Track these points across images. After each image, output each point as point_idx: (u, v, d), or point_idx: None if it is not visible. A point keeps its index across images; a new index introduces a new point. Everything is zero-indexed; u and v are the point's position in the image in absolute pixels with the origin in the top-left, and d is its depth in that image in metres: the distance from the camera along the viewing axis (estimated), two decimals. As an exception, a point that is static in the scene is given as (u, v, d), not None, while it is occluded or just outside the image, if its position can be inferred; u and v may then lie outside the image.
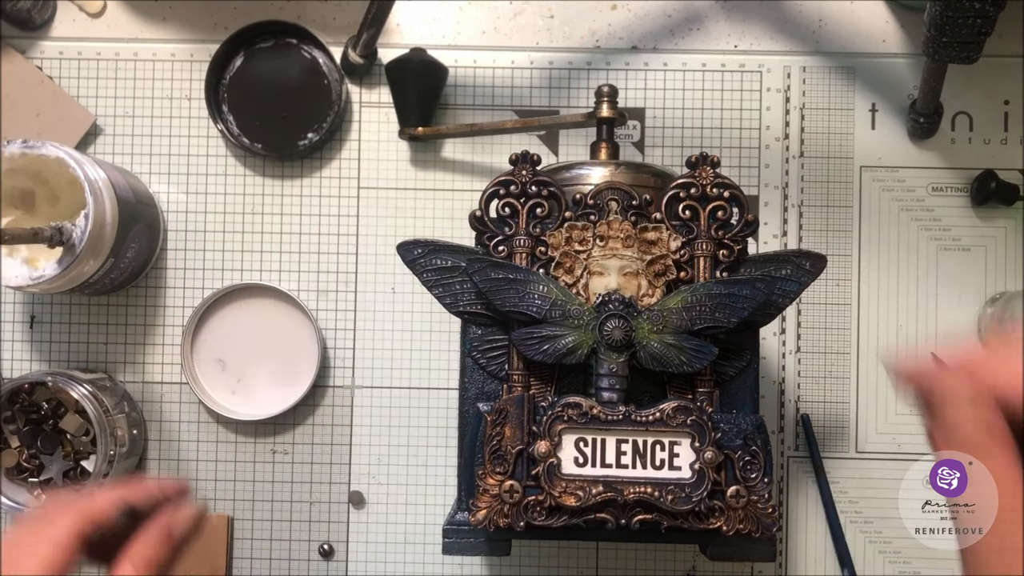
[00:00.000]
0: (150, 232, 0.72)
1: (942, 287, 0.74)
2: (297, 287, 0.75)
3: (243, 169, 0.76)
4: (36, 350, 0.75)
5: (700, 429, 0.54)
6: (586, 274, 0.57)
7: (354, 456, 0.74)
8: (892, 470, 0.73)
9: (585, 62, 0.76)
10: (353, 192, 0.75)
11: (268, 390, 0.74)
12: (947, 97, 0.71)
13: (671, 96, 0.75)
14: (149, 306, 0.75)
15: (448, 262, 0.58)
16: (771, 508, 0.55)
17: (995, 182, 0.72)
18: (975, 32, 0.60)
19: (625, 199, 0.58)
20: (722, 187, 0.58)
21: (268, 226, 0.75)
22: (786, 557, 0.73)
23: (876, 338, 0.74)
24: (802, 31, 0.75)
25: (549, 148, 0.75)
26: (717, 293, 0.56)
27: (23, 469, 0.71)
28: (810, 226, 0.75)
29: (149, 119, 0.76)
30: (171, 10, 0.76)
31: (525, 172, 0.58)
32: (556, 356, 0.55)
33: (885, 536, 0.73)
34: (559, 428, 0.54)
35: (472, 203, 0.62)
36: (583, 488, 0.54)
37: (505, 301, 0.56)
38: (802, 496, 0.73)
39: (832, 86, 0.75)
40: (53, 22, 0.76)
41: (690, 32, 0.76)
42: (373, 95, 0.76)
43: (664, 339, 0.55)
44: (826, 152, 0.75)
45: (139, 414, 0.74)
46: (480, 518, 0.54)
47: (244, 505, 0.74)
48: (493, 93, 0.76)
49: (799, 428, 0.74)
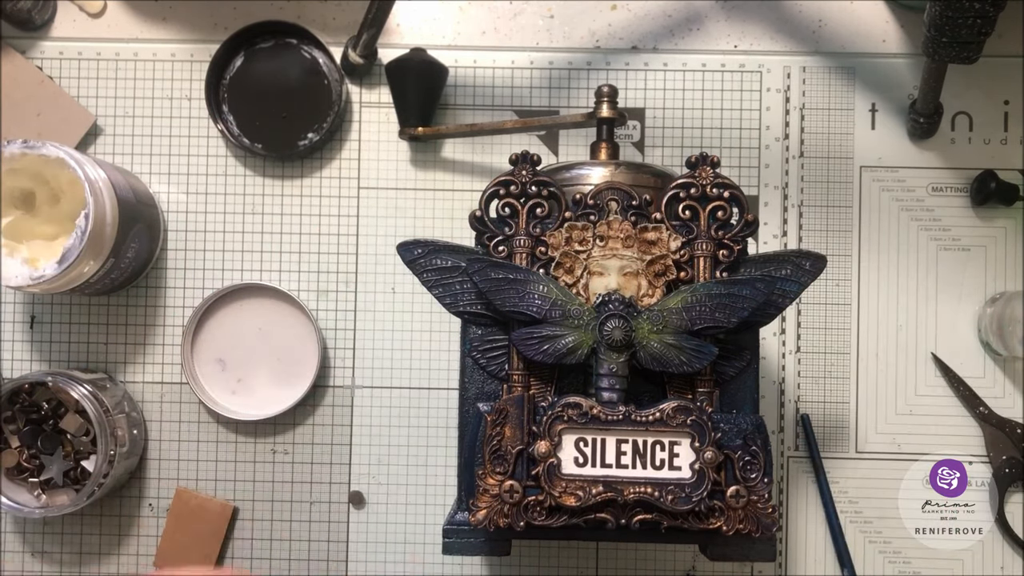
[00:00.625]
0: (150, 232, 0.72)
1: (942, 287, 0.74)
2: (297, 287, 0.75)
3: (243, 169, 0.76)
4: (36, 350, 0.75)
5: (700, 429, 0.54)
6: (586, 274, 0.57)
7: (354, 456, 0.74)
8: (892, 470, 0.73)
9: (585, 62, 0.76)
10: (353, 192, 0.75)
11: (268, 390, 0.74)
12: (947, 97, 0.71)
13: (671, 96, 0.75)
14: (149, 306, 0.75)
15: (448, 262, 0.58)
16: (771, 508, 0.55)
17: (995, 182, 0.72)
18: (975, 32, 0.60)
19: (625, 199, 0.58)
20: (722, 187, 0.58)
21: (268, 226, 0.75)
22: (786, 557, 0.73)
23: (876, 338, 0.74)
24: (802, 31, 0.75)
25: (549, 148, 0.75)
26: (717, 293, 0.56)
27: (23, 469, 0.71)
28: (810, 226, 0.75)
29: (149, 119, 0.76)
30: (171, 10, 0.76)
31: (525, 172, 0.58)
32: (556, 356, 0.55)
33: (885, 536, 0.73)
34: (559, 428, 0.54)
35: (472, 203, 0.62)
36: (583, 488, 0.54)
37: (505, 301, 0.56)
38: (802, 496, 0.73)
39: (832, 86, 0.75)
40: (53, 22, 0.76)
41: (690, 32, 0.76)
42: (373, 95, 0.76)
43: (664, 339, 0.55)
44: (826, 152, 0.75)
45: (139, 414, 0.74)
46: (480, 518, 0.54)
47: (244, 505, 0.74)
48: (493, 93, 0.76)
49: (799, 428, 0.74)
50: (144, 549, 0.74)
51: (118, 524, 0.74)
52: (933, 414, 0.73)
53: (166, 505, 0.74)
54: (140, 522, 0.74)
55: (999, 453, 0.72)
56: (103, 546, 0.74)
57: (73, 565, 0.74)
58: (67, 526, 0.74)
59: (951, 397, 0.73)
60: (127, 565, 0.74)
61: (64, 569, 0.74)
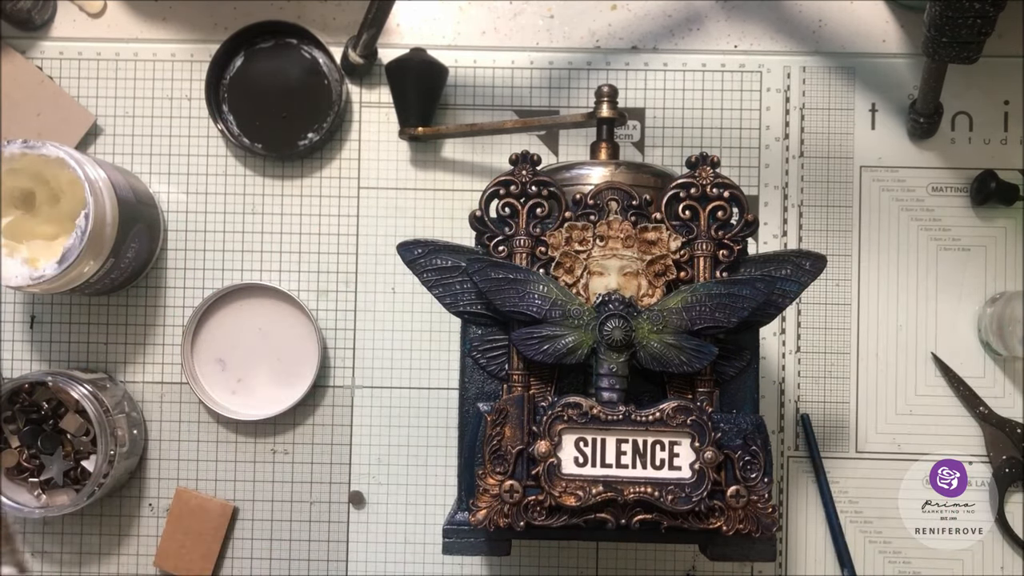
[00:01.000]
0: (150, 232, 0.72)
1: (942, 287, 0.74)
2: (297, 287, 0.75)
3: (243, 169, 0.76)
4: (36, 350, 0.75)
5: (700, 429, 0.54)
6: (586, 274, 0.57)
7: (354, 456, 0.74)
8: (892, 470, 0.73)
9: (585, 62, 0.76)
10: (353, 192, 0.75)
11: (268, 390, 0.74)
12: (947, 97, 0.71)
13: (671, 96, 0.75)
14: (149, 306, 0.75)
15: (448, 262, 0.58)
16: (771, 508, 0.55)
17: (995, 182, 0.72)
18: (975, 32, 0.60)
19: (625, 199, 0.58)
20: (722, 187, 0.58)
21: (268, 226, 0.75)
22: (786, 557, 0.73)
23: (876, 338, 0.74)
24: (802, 31, 0.75)
25: (549, 148, 0.75)
26: (717, 293, 0.56)
27: (23, 469, 0.71)
28: (810, 226, 0.75)
29: (149, 119, 0.76)
30: (171, 10, 0.76)
31: (525, 172, 0.58)
32: (556, 356, 0.55)
33: (885, 536, 0.73)
34: (559, 428, 0.54)
35: (472, 203, 0.62)
36: (583, 488, 0.54)
37: (505, 301, 0.56)
38: (802, 496, 0.73)
39: (832, 86, 0.75)
40: (53, 22, 0.76)
41: (690, 32, 0.76)
42: (373, 95, 0.76)
43: (664, 339, 0.55)
44: (826, 152, 0.75)
45: (139, 414, 0.74)
46: (480, 518, 0.54)
47: (244, 505, 0.74)
48: (493, 93, 0.76)
49: (799, 428, 0.74)
50: (144, 549, 0.74)
51: (118, 524, 0.74)
52: (933, 414, 0.73)
53: (166, 505, 0.74)
54: (140, 522, 0.74)
55: (999, 453, 0.72)
56: (103, 546, 0.74)
57: (73, 565, 0.74)
58: (67, 526, 0.74)
59: (951, 397, 0.73)
60: (127, 565, 0.74)
61: (64, 569, 0.74)
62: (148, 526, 0.74)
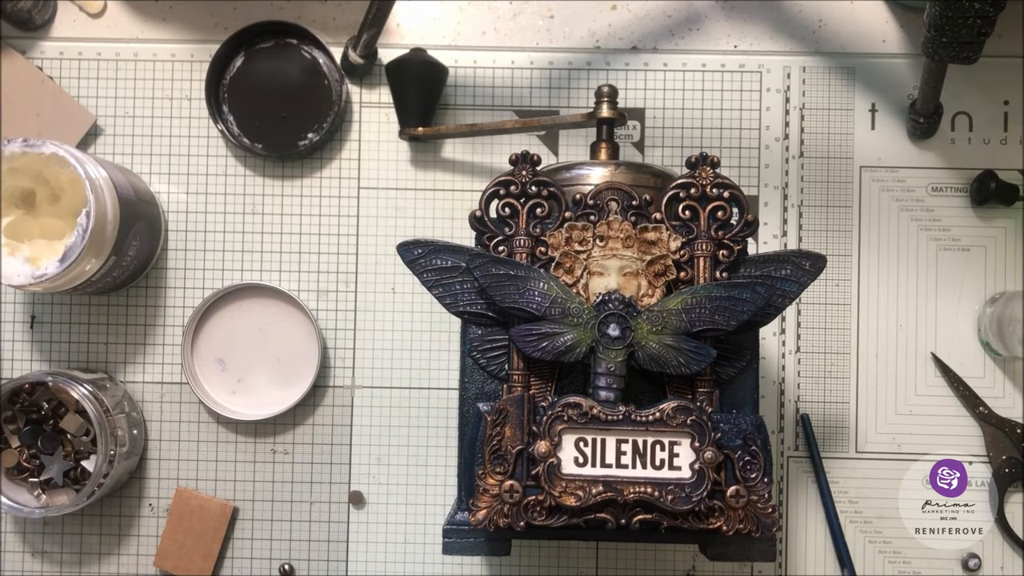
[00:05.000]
0: (151, 230, 0.72)
1: (942, 287, 0.74)
2: (297, 287, 0.75)
3: (243, 169, 0.76)
4: (36, 350, 0.75)
5: (700, 429, 0.54)
6: (586, 274, 0.57)
7: (354, 456, 0.74)
8: (892, 470, 0.73)
9: (585, 62, 0.76)
10: (353, 192, 0.75)
11: (268, 390, 0.74)
12: (947, 97, 0.71)
13: (671, 96, 0.75)
14: (149, 306, 0.75)
15: (448, 262, 0.58)
16: (771, 508, 0.55)
17: (995, 182, 0.72)
18: (975, 32, 0.60)
19: (625, 199, 0.58)
20: (722, 187, 0.58)
21: (268, 226, 0.75)
22: (786, 557, 0.73)
23: (876, 338, 0.74)
24: (802, 31, 0.75)
25: (549, 148, 0.75)
26: (717, 296, 0.56)
27: (23, 469, 0.71)
28: (810, 226, 0.75)
29: (149, 119, 0.76)
30: (171, 10, 0.76)
31: (525, 172, 0.58)
32: (554, 353, 0.55)
33: (885, 536, 0.73)
34: (559, 428, 0.54)
35: (472, 203, 0.62)
36: (583, 488, 0.54)
37: (505, 297, 0.56)
38: (802, 496, 0.73)
39: (832, 86, 0.75)
40: (53, 22, 0.76)
41: (690, 32, 0.76)
42: (373, 95, 0.76)
43: (663, 340, 0.55)
44: (826, 152, 0.75)
45: (139, 414, 0.74)
46: (480, 518, 0.54)
47: (244, 505, 0.74)
48: (493, 93, 0.76)
49: (799, 428, 0.74)
50: (144, 549, 0.74)
51: (118, 524, 0.74)
52: (933, 414, 0.73)
53: (166, 505, 0.74)
54: (140, 522, 0.74)
55: (999, 453, 0.72)
56: (103, 546, 0.74)
57: (73, 565, 0.74)
58: (67, 526, 0.74)
59: (951, 397, 0.73)
60: (127, 565, 0.74)
61: (64, 569, 0.74)
62: (148, 526, 0.74)
